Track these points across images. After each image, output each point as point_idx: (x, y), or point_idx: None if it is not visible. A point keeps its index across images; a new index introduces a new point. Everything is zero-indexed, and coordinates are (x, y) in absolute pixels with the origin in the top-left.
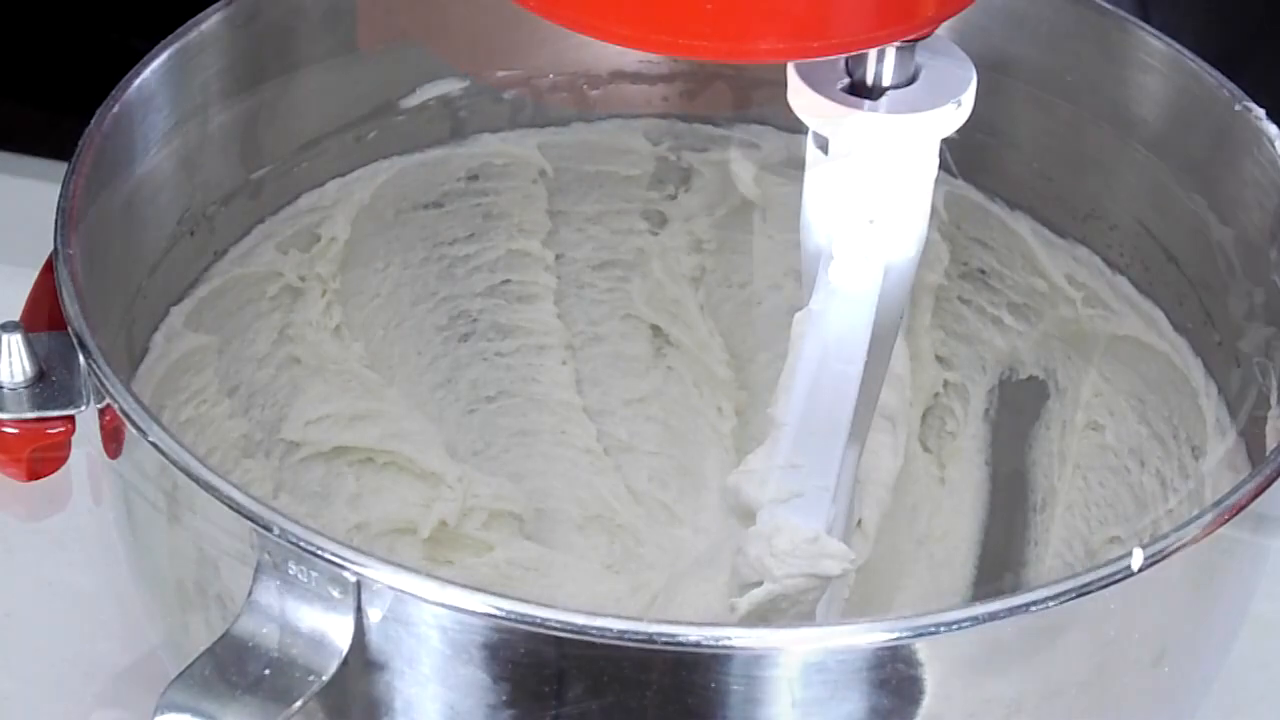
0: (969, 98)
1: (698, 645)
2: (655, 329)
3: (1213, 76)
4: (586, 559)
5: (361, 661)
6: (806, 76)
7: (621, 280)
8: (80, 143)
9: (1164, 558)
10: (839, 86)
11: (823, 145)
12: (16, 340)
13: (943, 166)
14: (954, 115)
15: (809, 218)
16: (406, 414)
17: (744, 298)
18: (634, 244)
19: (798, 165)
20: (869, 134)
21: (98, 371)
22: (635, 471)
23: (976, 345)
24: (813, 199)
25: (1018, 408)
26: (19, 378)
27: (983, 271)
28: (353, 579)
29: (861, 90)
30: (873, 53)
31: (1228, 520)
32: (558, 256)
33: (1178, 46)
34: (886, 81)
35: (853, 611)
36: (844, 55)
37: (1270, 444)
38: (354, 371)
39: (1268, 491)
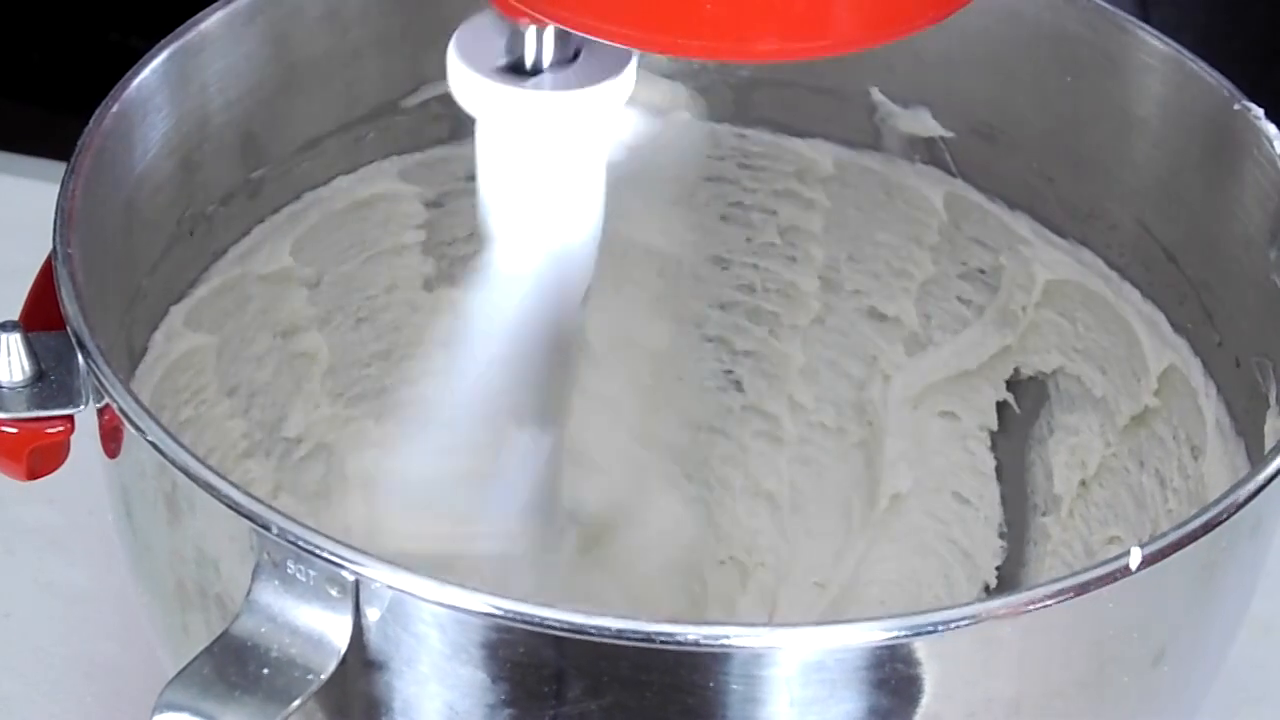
0: (628, 76)
1: (696, 644)
2: None
3: (1212, 76)
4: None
5: (360, 661)
6: (466, 56)
7: None
8: (80, 142)
9: (1163, 557)
10: (496, 66)
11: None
12: (16, 340)
13: (942, 166)
14: (611, 93)
15: (480, 197)
16: None
17: None
18: None
19: None
20: (521, 111)
21: (97, 371)
22: None
23: (976, 345)
24: (481, 178)
25: (1018, 408)
26: (18, 377)
27: (982, 271)
28: (351, 578)
29: (519, 70)
30: (531, 32)
31: (1226, 520)
32: None
33: (1177, 46)
34: (545, 62)
35: (853, 611)
36: (506, 36)
37: (1269, 444)
38: (354, 371)
39: (1266, 491)
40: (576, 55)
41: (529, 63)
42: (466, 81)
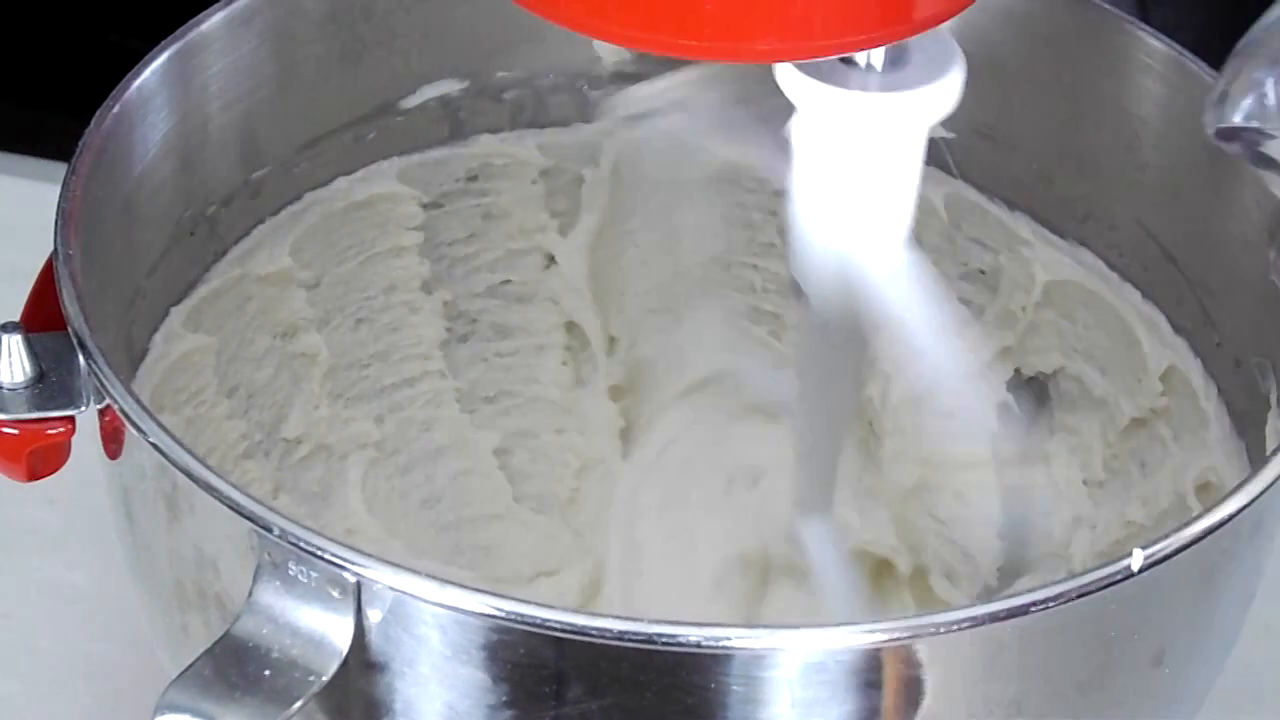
0: (954, 81)
1: (697, 646)
2: None
3: (1211, 77)
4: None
5: (361, 662)
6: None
7: None
8: (80, 143)
9: (1164, 559)
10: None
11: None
12: (16, 341)
13: (942, 166)
14: (937, 98)
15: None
16: None
17: None
18: None
19: None
20: (846, 111)
21: (97, 372)
22: None
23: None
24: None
25: (1018, 408)
26: (19, 378)
27: (983, 272)
28: (352, 579)
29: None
30: None
31: (1227, 522)
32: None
33: (1177, 47)
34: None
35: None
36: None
37: (1269, 444)
38: (354, 372)
39: (1267, 493)
40: (907, 57)
41: (866, 64)
42: (792, 76)
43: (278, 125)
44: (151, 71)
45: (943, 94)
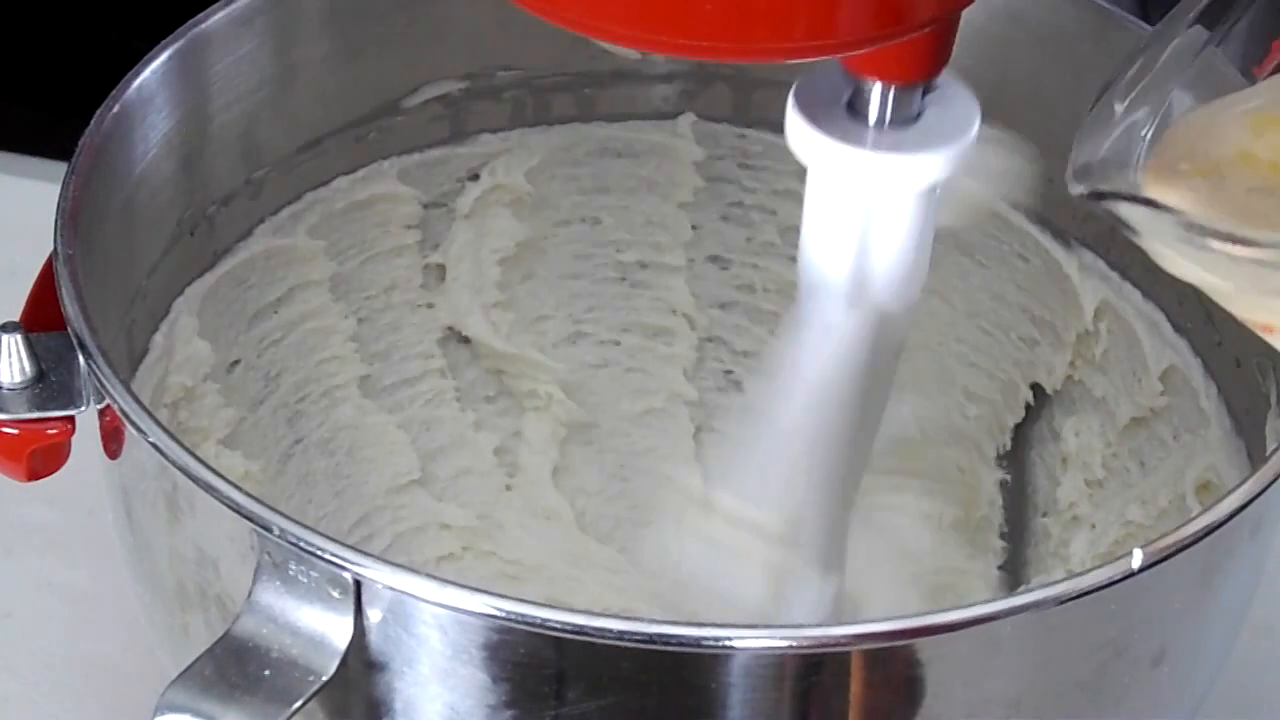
0: (965, 144)
1: (698, 645)
2: None
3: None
4: None
5: (361, 662)
6: (805, 109)
7: None
8: (80, 143)
9: (1164, 558)
10: (836, 121)
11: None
12: (16, 340)
13: None
14: (949, 160)
15: (804, 245)
16: None
17: None
18: None
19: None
20: (857, 170)
21: (97, 372)
22: None
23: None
24: (808, 227)
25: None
26: (19, 378)
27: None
28: (352, 579)
29: (860, 119)
30: (875, 89)
31: (1227, 522)
32: None
33: None
34: (887, 119)
35: (852, 612)
36: (847, 91)
37: (1269, 445)
38: (355, 371)
39: (1267, 493)
40: (919, 117)
41: (870, 119)
42: (802, 133)
43: (278, 125)
44: (151, 71)
45: (940, 161)
